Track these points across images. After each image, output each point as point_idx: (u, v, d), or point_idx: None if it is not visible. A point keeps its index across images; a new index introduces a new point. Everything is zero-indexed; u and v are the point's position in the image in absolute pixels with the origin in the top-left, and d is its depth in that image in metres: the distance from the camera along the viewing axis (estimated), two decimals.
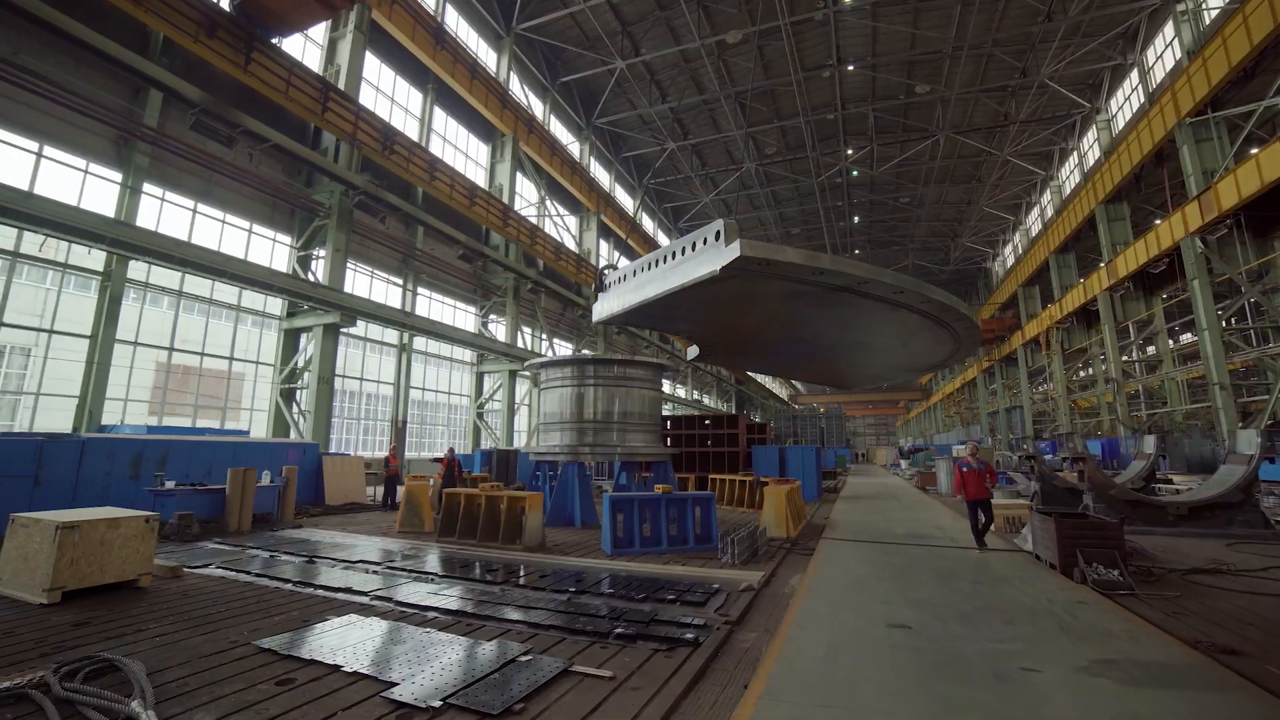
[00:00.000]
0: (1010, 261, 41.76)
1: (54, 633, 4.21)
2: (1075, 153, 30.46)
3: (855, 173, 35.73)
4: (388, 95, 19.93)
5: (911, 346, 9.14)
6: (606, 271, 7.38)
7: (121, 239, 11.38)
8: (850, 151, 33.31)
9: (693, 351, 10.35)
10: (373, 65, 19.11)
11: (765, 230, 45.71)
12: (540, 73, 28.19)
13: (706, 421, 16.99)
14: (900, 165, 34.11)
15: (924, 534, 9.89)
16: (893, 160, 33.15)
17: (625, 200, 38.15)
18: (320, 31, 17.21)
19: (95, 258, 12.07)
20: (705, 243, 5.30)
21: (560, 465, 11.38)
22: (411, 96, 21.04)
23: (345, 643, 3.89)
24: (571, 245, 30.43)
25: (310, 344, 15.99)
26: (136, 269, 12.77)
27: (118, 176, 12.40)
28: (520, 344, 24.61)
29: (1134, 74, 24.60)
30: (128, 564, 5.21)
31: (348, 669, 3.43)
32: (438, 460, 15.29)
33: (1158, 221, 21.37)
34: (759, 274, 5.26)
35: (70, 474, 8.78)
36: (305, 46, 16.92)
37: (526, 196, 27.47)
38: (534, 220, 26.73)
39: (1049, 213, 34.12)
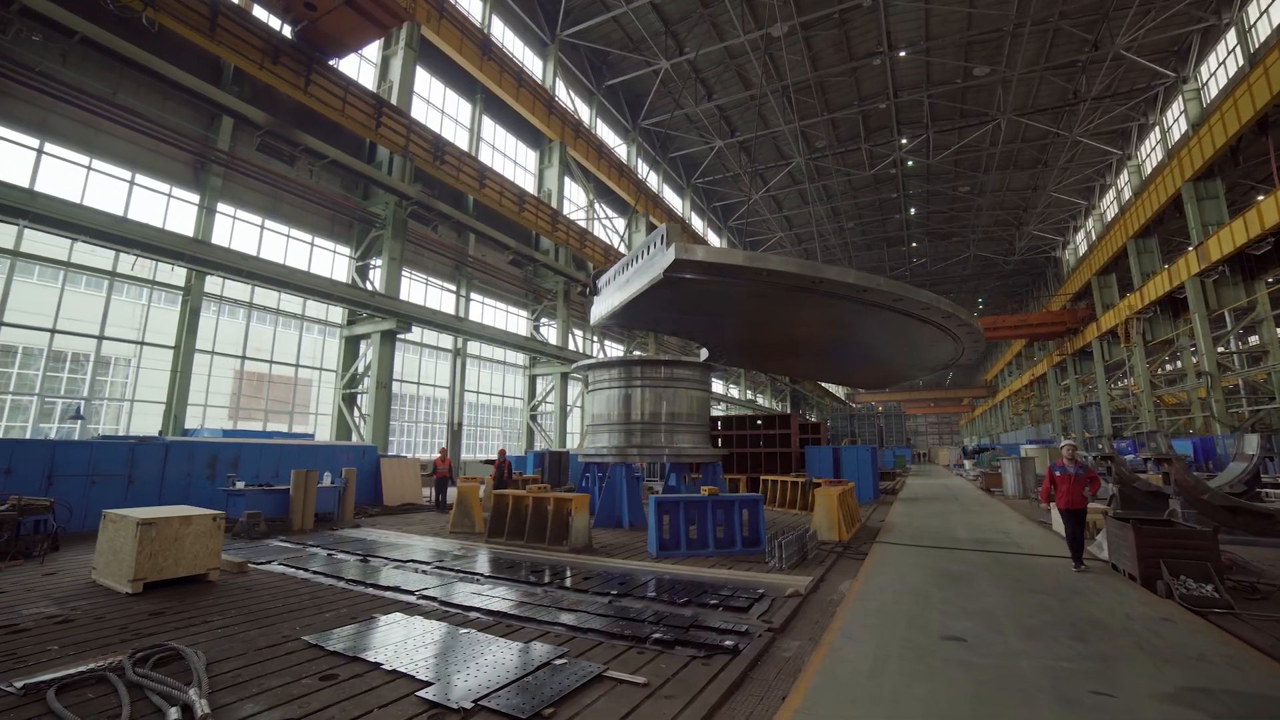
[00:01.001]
0: (1083, 249, 39.04)
1: (135, 620, 4.54)
2: (1157, 128, 28.10)
3: (910, 163, 34.33)
4: (438, 108, 20.62)
5: (909, 346, 8.89)
6: (599, 275, 7.46)
7: (199, 256, 12.24)
8: (904, 141, 32.03)
9: (704, 354, 10.28)
10: (423, 79, 19.82)
11: (817, 226, 44.59)
12: (585, 77, 28.50)
13: (758, 422, 16.69)
14: (958, 153, 32.49)
15: (987, 539, 9.33)
16: (950, 148, 31.59)
17: (674, 200, 38.07)
18: (374, 50, 18.00)
19: (177, 274, 13.05)
20: (655, 247, 5.29)
21: (608, 467, 11.42)
22: (461, 108, 21.70)
23: (387, 641, 4.00)
24: (621, 247, 30.58)
25: (369, 350, 16.70)
26: (212, 283, 13.72)
27: (195, 198, 13.35)
28: (572, 346, 24.94)
29: (1230, 34, 22.40)
30: (199, 559, 5.57)
31: (387, 667, 3.52)
32: (489, 462, 15.67)
33: (1260, 197, 19.42)
34: (706, 277, 5.27)
35: (157, 473, 9.50)
36: (360, 66, 17.73)
37: (575, 200, 27.83)
38: (583, 224, 27.04)
39: (1126, 195, 31.67)
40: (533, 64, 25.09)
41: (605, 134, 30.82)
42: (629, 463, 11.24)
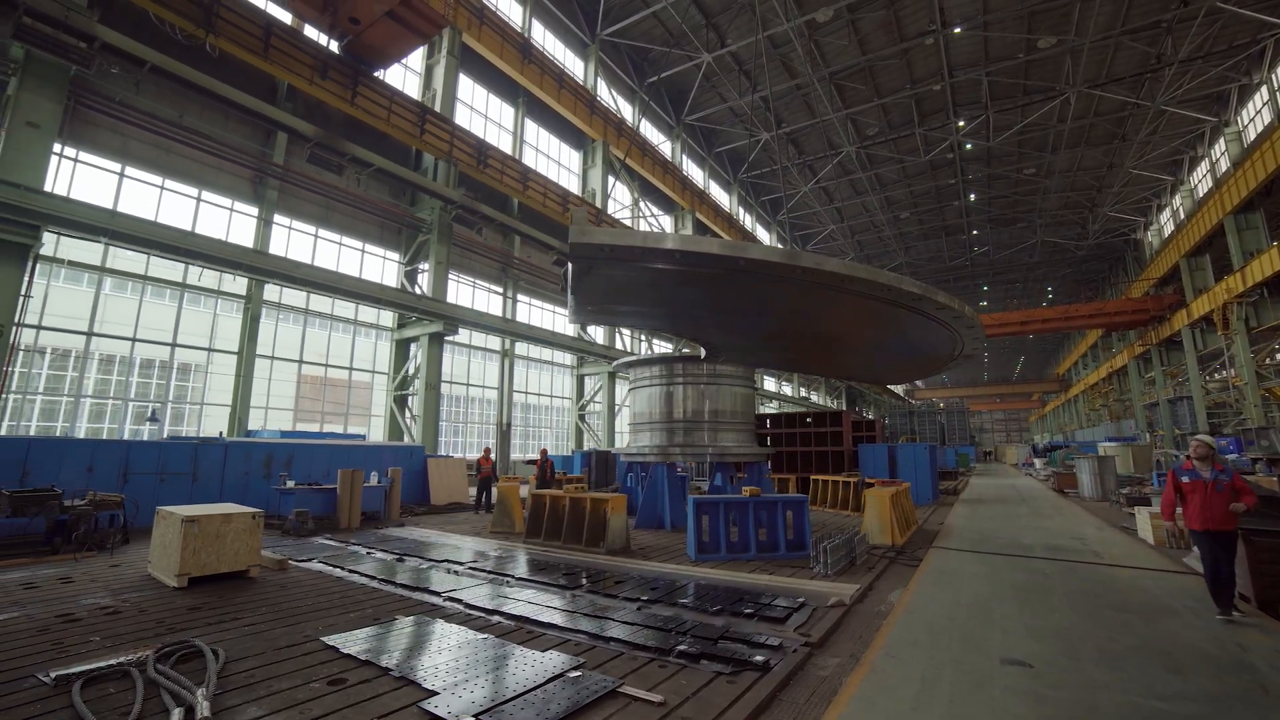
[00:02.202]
0: (1168, 229, 35.81)
1: (173, 614, 4.66)
2: (1264, 88, 25.14)
3: (969, 146, 32.45)
4: (481, 113, 20.98)
5: (891, 337, 8.39)
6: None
7: (257, 265, 12.83)
8: (962, 124, 30.29)
9: (701, 352, 10.09)
10: (466, 86, 20.21)
11: (870, 216, 42.92)
12: (627, 76, 28.42)
13: (808, 419, 16.09)
14: (1022, 132, 30.42)
15: (1059, 545, 8.53)
16: (1012, 128, 29.61)
17: (720, 196, 37.51)
18: (418, 60, 18.49)
19: (240, 284, 13.75)
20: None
21: (650, 466, 11.21)
22: (504, 112, 22.02)
23: (403, 644, 3.92)
24: None
25: (418, 352, 17.13)
26: (271, 291, 14.39)
27: (254, 211, 14.03)
28: (619, 345, 24.91)
29: None
30: (239, 556, 5.72)
31: (396, 673, 3.42)
32: (532, 462, 15.75)
33: None
34: (613, 259, 5.14)
35: (218, 472, 9.98)
36: (405, 76, 18.23)
37: (620, 199, 27.81)
38: (628, 223, 26.97)
39: (1223, 166, 28.73)
40: (573, 65, 25.19)
41: (649, 131, 30.65)
42: (671, 462, 11.00)
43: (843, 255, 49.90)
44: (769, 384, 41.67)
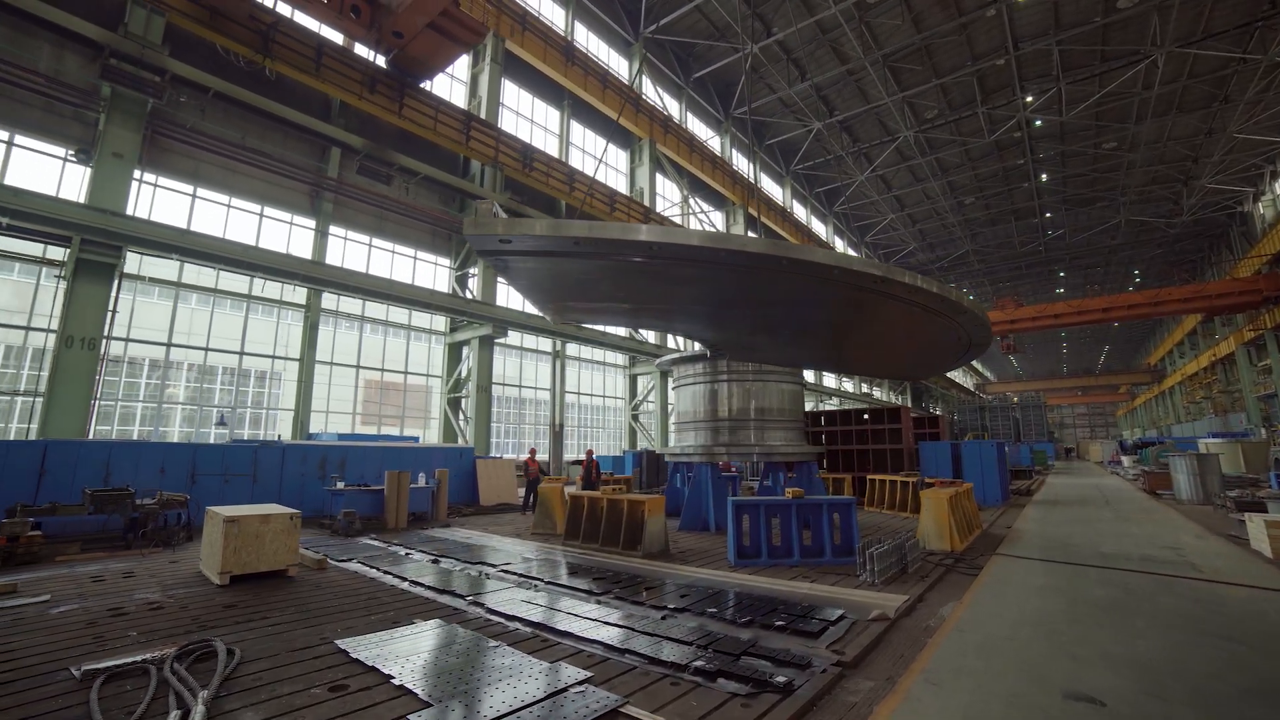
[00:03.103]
0: None
1: (208, 612, 4.82)
2: None
3: (1038, 123, 30.20)
4: (527, 118, 21.27)
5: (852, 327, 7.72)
6: None
7: (314, 275, 13.43)
8: (1030, 99, 28.19)
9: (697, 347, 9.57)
10: (511, 92, 20.55)
11: (932, 203, 40.73)
12: (672, 72, 28.17)
13: (865, 416, 15.33)
14: (1100, 104, 27.90)
15: (1148, 556, 7.62)
16: (1088, 100, 27.21)
17: (773, 189, 36.64)
18: (464, 70, 18.93)
19: (299, 293, 14.46)
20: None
21: (693, 466, 10.93)
22: (550, 115, 22.25)
23: (413, 650, 3.85)
24: None
25: (469, 356, 17.51)
26: (328, 299, 15.05)
27: (311, 224, 14.71)
28: (671, 344, 24.69)
29: None
30: (278, 555, 5.89)
31: (396, 681, 3.34)
32: (578, 463, 15.75)
33: None
34: (520, 252, 4.93)
35: (276, 473, 10.46)
36: (452, 86, 18.70)
37: (669, 197, 27.61)
38: (677, 220, 26.74)
39: None
40: (617, 64, 25.17)
41: (696, 127, 30.28)
42: (716, 462, 10.68)
43: (903, 246, 47.67)
44: (828, 381, 40.18)
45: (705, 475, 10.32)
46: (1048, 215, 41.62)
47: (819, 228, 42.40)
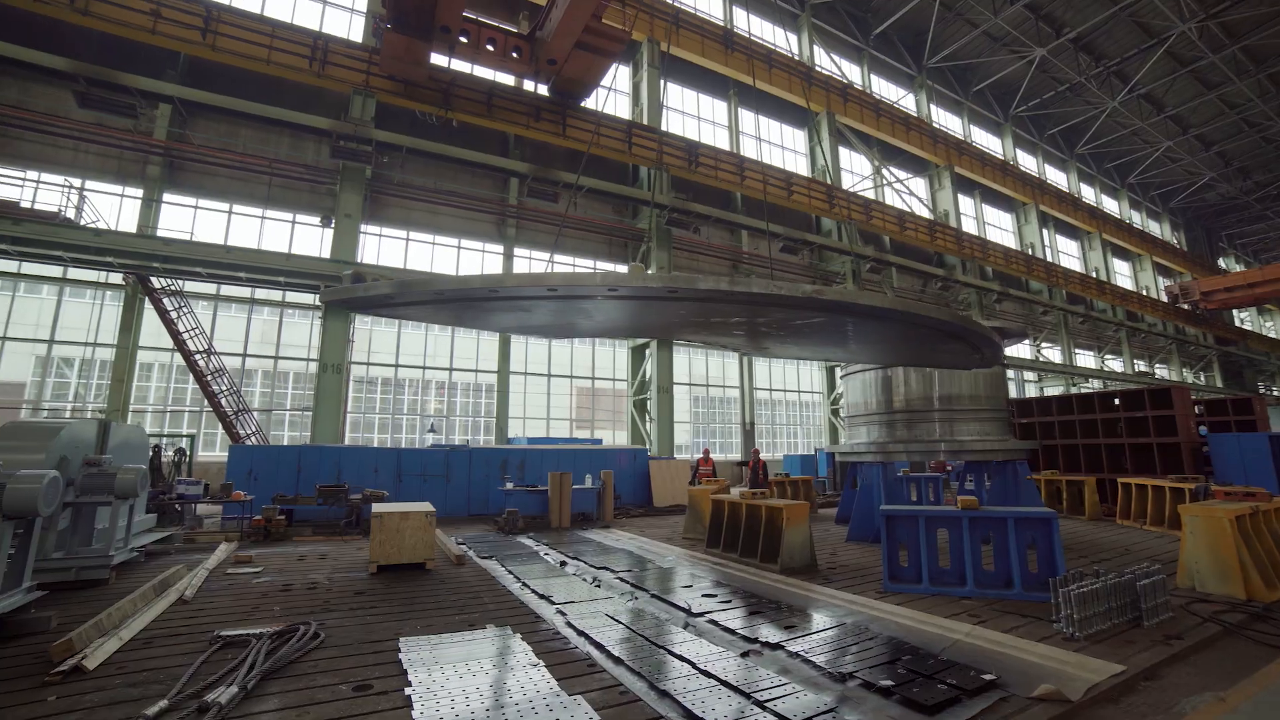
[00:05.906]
0: None
1: (341, 597, 5.35)
2: None
3: None
4: (693, 115, 21.13)
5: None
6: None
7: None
8: None
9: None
10: (675, 94, 20.60)
11: (1240, 112, 29.88)
12: (848, 34, 25.53)
13: (1115, 401, 11.63)
14: None
15: None
16: None
17: (989, 142, 30.86)
18: (625, 82, 19.54)
19: None
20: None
21: (861, 466, 9.37)
22: (716, 108, 21.80)
23: (456, 659, 3.67)
24: (923, 211, 26.14)
25: (650, 357, 17.85)
26: None
27: (500, 249, 16.50)
28: None
29: None
30: (416, 549, 6.40)
31: (407, 692, 3.15)
32: (742, 464, 14.78)
33: None
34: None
35: (465, 475, 11.77)
36: (616, 100, 19.43)
37: (859, 171, 25.08)
38: (869, 194, 24.10)
39: None
40: (785, 41, 23.59)
41: (884, 88, 26.95)
42: (892, 461, 8.99)
43: (1190, 179, 35.95)
44: (1082, 359, 31.45)
45: (875, 477, 8.70)
46: None
47: (1057, 176, 34.16)
